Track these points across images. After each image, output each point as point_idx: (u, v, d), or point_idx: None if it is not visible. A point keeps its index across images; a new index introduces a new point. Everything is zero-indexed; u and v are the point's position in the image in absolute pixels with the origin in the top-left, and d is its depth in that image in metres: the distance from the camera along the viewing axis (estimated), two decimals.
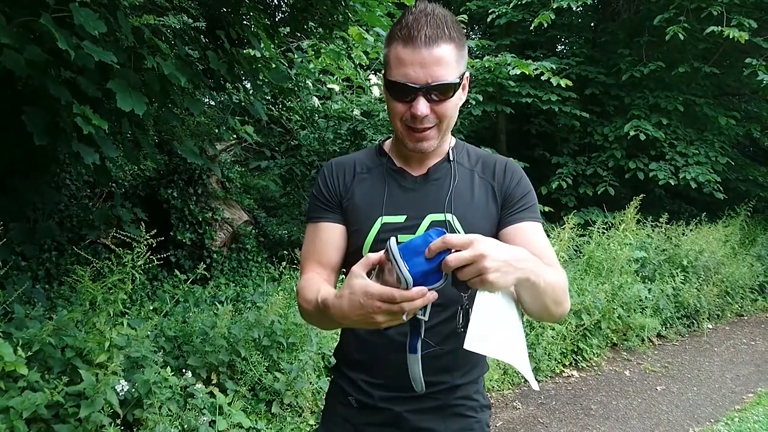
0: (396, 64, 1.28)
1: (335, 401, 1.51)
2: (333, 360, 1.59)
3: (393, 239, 1.06)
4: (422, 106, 1.27)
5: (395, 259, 1.02)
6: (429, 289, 1.02)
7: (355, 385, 1.44)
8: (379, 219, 1.38)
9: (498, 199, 1.42)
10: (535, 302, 1.21)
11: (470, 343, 1.03)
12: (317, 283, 1.35)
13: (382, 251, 1.08)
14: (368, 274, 1.09)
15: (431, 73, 1.25)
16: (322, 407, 1.62)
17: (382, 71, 1.40)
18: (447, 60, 1.26)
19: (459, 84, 1.31)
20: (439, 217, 1.37)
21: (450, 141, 1.48)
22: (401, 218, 1.38)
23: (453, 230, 1.35)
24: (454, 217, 1.37)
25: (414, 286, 1.01)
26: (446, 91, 1.28)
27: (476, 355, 1.46)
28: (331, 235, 1.44)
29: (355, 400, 1.44)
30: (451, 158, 1.45)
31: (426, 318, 1.07)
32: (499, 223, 1.41)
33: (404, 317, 1.04)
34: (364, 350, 1.43)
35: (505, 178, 1.44)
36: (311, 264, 1.45)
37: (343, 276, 1.53)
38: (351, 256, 1.44)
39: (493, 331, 1.06)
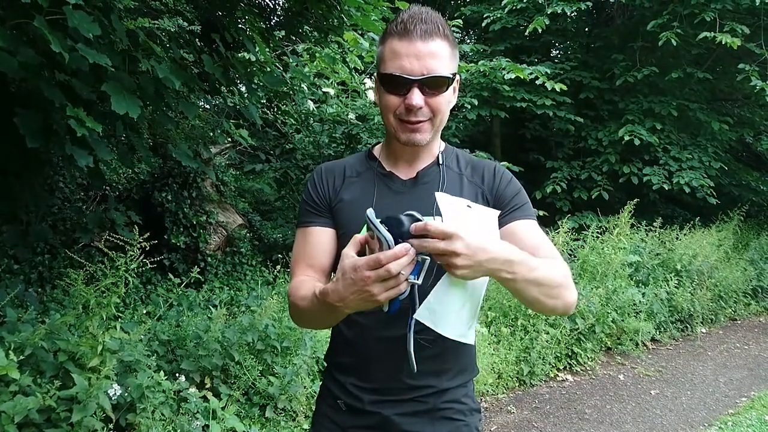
0: (391, 57, 1.30)
1: (325, 404, 1.51)
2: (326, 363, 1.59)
3: (370, 209, 1.08)
4: (417, 97, 1.28)
5: (374, 225, 1.04)
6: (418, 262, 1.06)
7: (344, 388, 1.44)
8: None
9: (489, 202, 1.43)
10: (521, 296, 1.24)
11: (420, 315, 1.08)
12: (311, 282, 1.35)
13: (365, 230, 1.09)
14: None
15: (426, 65, 1.27)
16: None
17: (375, 70, 1.42)
18: (441, 54, 1.29)
19: (452, 80, 1.33)
20: (428, 220, 1.37)
21: (440, 145, 1.50)
22: None
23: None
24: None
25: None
26: (440, 84, 1.30)
27: (465, 360, 1.47)
28: (321, 240, 1.45)
29: (344, 403, 1.44)
30: (441, 162, 1.46)
31: (419, 281, 1.07)
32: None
33: (401, 279, 1.04)
34: (353, 354, 1.44)
35: (494, 181, 1.45)
36: (302, 267, 1.45)
37: None
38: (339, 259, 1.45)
39: (445, 310, 1.10)
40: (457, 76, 1.37)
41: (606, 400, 4.79)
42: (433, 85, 1.29)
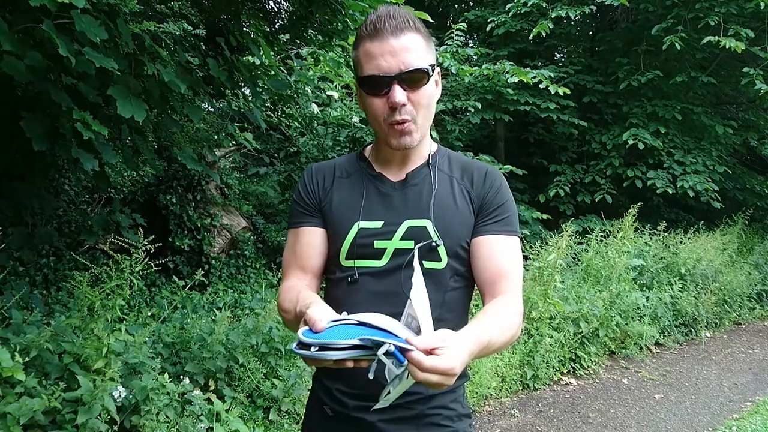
0: (366, 59, 1.30)
1: (313, 410, 1.50)
2: None
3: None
4: (399, 94, 1.27)
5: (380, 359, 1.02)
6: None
7: (330, 394, 1.41)
8: (356, 224, 1.37)
9: (474, 206, 1.41)
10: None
11: (381, 404, 1.09)
12: (296, 291, 1.34)
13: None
14: None
15: (402, 59, 1.27)
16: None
17: (354, 77, 1.41)
18: (415, 47, 1.29)
19: (431, 72, 1.32)
20: (417, 222, 1.36)
21: (431, 146, 1.48)
22: (378, 224, 1.37)
23: (428, 236, 1.35)
24: (430, 223, 1.36)
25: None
26: (420, 77, 1.30)
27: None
28: (312, 240, 1.44)
29: (330, 409, 1.42)
30: (430, 163, 1.45)
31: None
32: (472, 231, 1.40)
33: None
34: None
35: (484, 186, 1.43)
36: (293, 270, 1.45)
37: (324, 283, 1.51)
38: (329, 261, 1.44)
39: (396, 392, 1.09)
40: (438, 69, 1.36)
41: (610, 404, 4.78)
42: (413, 79, 1.29)
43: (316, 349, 1.01)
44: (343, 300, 1.33)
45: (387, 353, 0.99)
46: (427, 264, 1.34)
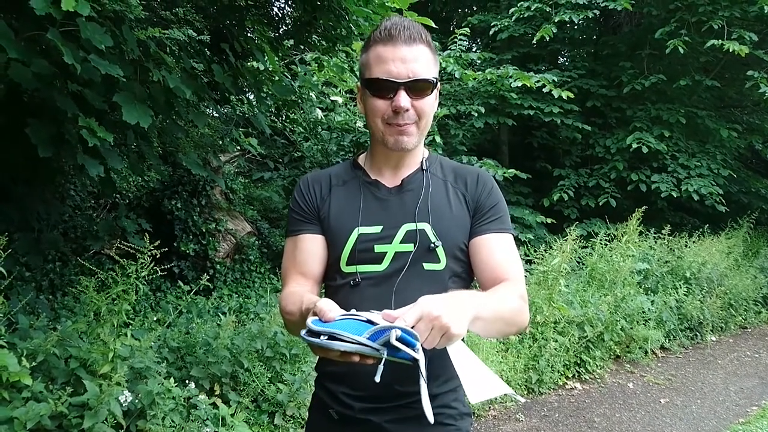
0: (377, 62, 1.34)
1: (317, 414, 1.51)
2: None
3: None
4: (404, 100, 1.32)
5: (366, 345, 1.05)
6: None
7: (335, 397, 1.44)
8: (356, 230, 1.40)
9: (470, 208, 1.46)
10: (487, 331, 1.27)
11: (474, 398, 1.09)
12: (299, 294, 1.36)
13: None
14: None
15: (411, 68, 1.32)
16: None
17: (358, 79, 1.45)
18: (424, 58, 1.35)
19: (435, 83, 1.38)
20: (415, 226, 1.40)
21: (423, 153, 1.53)
22: (377, 229, 1.41)
23: (427, 238, 1.39)
24: (429, 226, 1.40)
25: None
26: (425, 87, 1.35)
27: (453, 367, 1.47)
28: (311, 246, 1.47)
29: (336, 412, 1.44)
30: (425, 168, 1.49)
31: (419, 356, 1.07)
32: (469, 232, 1.45)
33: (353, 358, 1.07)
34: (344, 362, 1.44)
35: (477, 189, 1.48)
36: (294, 276, 1.47)
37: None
38: (329, 268, 1.46)
39: (479, 376, 1.11)
40: (439, 84, 1.41)
41: (615, 408, 4.77)
42: (419, 88, 1.34)
43: (326, 338, 1.04)
44: (344, 305, 1.35)
45: (397, 340, 1.03)
46: (426, 265, 1.38)
